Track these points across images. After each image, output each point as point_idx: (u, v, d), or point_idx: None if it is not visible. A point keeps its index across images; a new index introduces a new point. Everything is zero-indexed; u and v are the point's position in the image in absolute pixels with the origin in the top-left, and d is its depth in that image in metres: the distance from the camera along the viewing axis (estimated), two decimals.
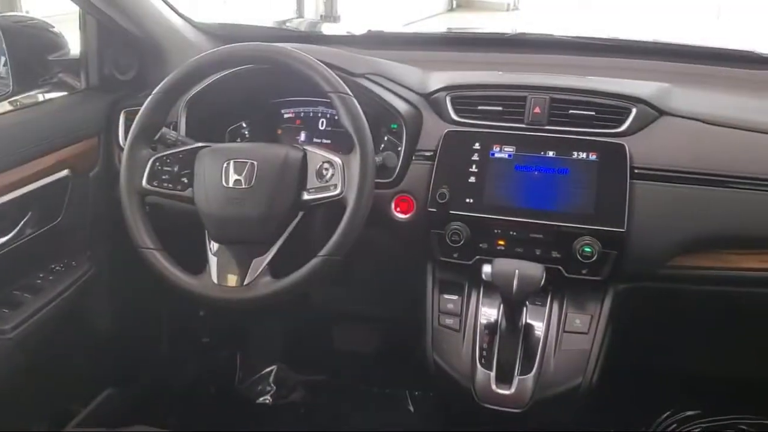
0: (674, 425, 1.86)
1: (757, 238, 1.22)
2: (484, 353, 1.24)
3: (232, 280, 1.19)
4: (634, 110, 1.27)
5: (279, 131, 1.52)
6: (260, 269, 1.17)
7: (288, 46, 1.25)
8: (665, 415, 1.86)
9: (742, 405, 1.84)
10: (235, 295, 1.18)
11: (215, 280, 1.19)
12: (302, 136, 1.50)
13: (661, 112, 1.28)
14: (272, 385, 2.01)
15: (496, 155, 1.27)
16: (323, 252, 1.13)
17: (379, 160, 1.31)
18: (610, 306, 1.25)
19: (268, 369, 2.03)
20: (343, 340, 2.04)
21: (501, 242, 1.25)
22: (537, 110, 1.29)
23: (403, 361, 1.82)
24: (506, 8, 10.98)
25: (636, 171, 1.23)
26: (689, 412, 1.86)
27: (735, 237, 1.22)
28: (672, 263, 1.24)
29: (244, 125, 1.51)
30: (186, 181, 1.22)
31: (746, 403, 1.84)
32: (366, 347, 2.03)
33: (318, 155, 1.19)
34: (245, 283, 1.17)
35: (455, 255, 1.28)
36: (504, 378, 1.21)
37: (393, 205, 1.32)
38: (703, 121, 1.27)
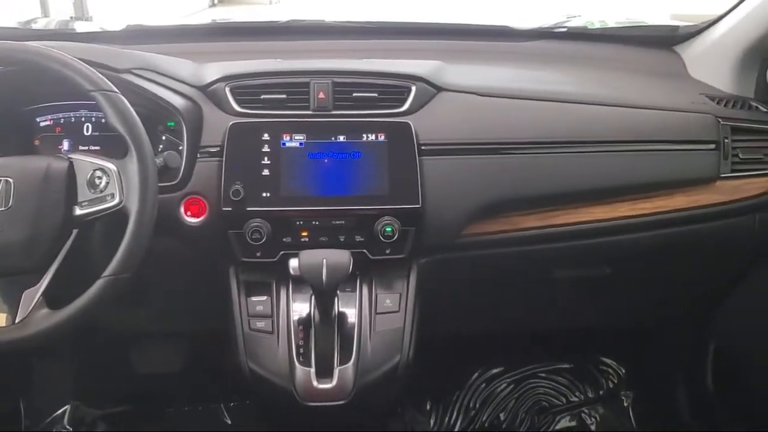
0: (483, 384, 1.98)
1: (536, 198, 1.31)
2: (301, 350, 1.19)
3: (0, 318, 1.02)
4: (413, 88, 1.29)
5: (36, 142, 1.33)
6: (34, 301, 1.02)
7: (36, 44, 1.09)
8: (474, 376, 1.98)
9: (538, 354, 2.01)
10: (6, 336, 1.01)
11: None
12: (65, 145, 1.33)
13: (439, 89, 1.31)
14: (67, 426, 1.80)
15: (287, 145, 1.23)
16: (108, 271, 1.01)
17: (159, 162, 1.19)
18: (416, 281, 1.27)
19: (61, 410, 1.81)
20: (145, 363, 1.88)
21: (304, 234, 1.22)
22: (321, 95, 1.26)
23: (214, 374, 1.72)
24: (269, 2, 10.91)
25: (423, 147, 1.25)
26: (495, 370, 1.99)
27: (517, 199, 1.30)
28: (465, 232, 1.29)
29: None
30: None
31: (541, 352, 2.01)
32: (172, 366, 1.89)
33: (87, 163, 1.05)
34: (17, 320, 1.01)
35: (258, 254, 1.22)
36: (324, 372, 1.18)
37: (183, 209, 1.22)
38: (477, 94, 1.34)
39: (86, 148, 1.32)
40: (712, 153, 1.34)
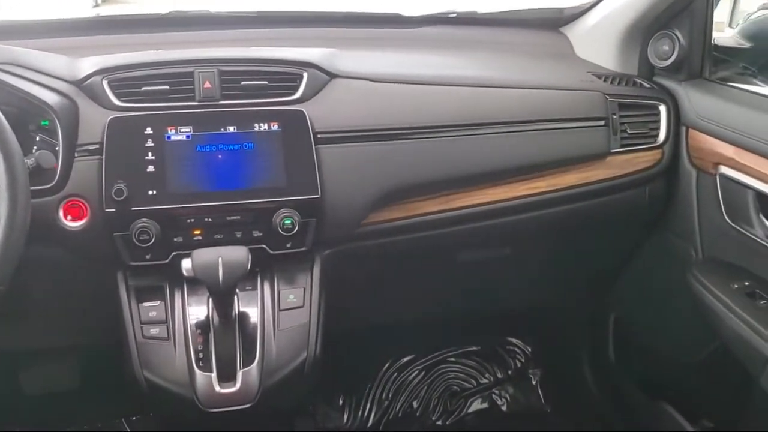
0: (394, 374, 1.97)
1: (434, 182, 1.30)
2: (201, 355, 1.13)
3: None
4: (305, 75, 1.25)
5: None
6: None
7: None
8: (385, 366, 1.97)
9: (447, 339, 2.03)
10: None
11: None
12: None
13: (332, 75, 1.28)
14: None
15: (173, 138, 1.16)
16: None
17: (31, 163, 1.10)
18: (320, 274, 1.24)
19: None
20: (34, 384, 1.75)
21: (197, 232, 1.15)
22: (207, 85, 1.20)
23: (113, 389, 1.62)
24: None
25: (319, 135, 1.22)
26: (405, 359, 1.99)
27: (416, 185, 1.29)
28: (367, 220, 1.27)
29: None
30: None
31: (450, 336, 2.03)
32: (65, 384, 1.77)
33: None
34: None
35: (148, 256, 1.14)
36: (227, 376, 1.12)
37: (61, 213, 1.13)
38: (371, 80, 1.31)
39: None
40: (602, 129, 1.37)
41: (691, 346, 1.51)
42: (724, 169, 1.31)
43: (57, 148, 1.14)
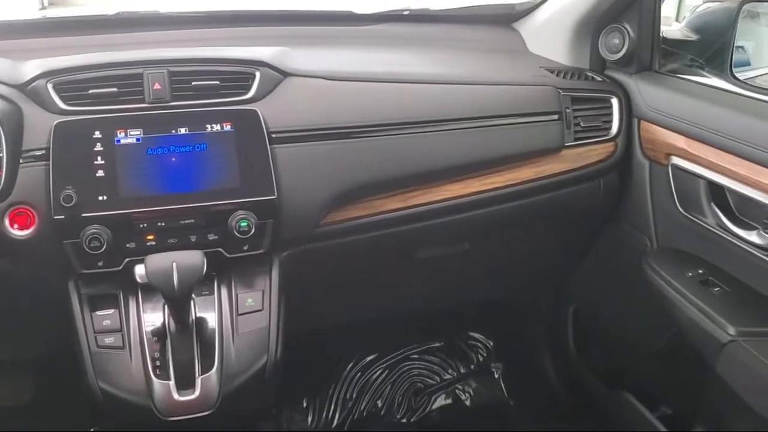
0: (358, 374, 1.97)
1: (391, 180, 1.30)
2: (158, 363, 1.11)
3: None
4: (258, 74, 1.24)
5: None
6: None
7: None
8: (349, 366, 1.96)
9: (409, 336, 2.03)
10: None
11: None
12: None
13: (285, 74, 1.27)
14: None
15: (123, 141, 1.13)
16: None
17: None
18: (278, 276, 1.22)
19: None
20: None
21: (150, 237, 1.13)
22: (157, 86, 1.17)
23: (68, 400, 1.58)
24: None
25: (273, 135, 1.20)
26: (369, 358, 1.99)
27: (374, 183, 1.28)
28: (325, 220, 1.26)
29: None
30: None
31: (412, 333, 2.03)
32: (19, 398, 1.72)
33: None
34: None
35: (100, 263, 1.11)
36: (185, 383, 1.10)
37: (7, 222, 1.09)
38: (325, 78, 1.30)
39: None
40: (556, 123, 1.39)
41: (648, 335, 1.53)
42: (676, 160, 1.33)
43: (0, 155, 1.10)
